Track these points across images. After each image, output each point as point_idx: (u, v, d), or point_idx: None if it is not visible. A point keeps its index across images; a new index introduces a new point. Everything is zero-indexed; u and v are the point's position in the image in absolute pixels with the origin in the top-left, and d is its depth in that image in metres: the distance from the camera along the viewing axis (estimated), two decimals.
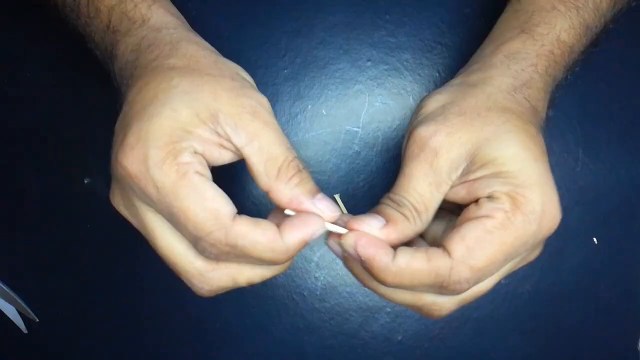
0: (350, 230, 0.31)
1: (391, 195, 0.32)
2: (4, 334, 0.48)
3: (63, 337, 0.48)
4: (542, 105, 0.36)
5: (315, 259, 0.48)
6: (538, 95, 0.35)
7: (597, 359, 0.49)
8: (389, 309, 0.49)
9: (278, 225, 0.30)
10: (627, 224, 0.49)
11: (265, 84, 0.48)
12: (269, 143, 0.31)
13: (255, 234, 0.29)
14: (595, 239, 0.48)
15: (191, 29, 0.37)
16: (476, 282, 0.30)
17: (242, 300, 0.48)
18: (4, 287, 0.48)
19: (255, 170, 0.31)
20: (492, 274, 0.31)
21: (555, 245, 0.49)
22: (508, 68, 0.35)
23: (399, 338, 0.49)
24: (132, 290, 0.48)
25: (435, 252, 0.30)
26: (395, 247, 0.31)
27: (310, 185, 0.32)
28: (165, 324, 0.48)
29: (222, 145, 0.31)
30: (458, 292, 0.30)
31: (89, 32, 0.38)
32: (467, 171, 0.32)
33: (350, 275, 0.49)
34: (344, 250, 0.31)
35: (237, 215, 0.30)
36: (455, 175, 0.32)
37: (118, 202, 0.33)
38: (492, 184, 0.31)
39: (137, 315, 0.48)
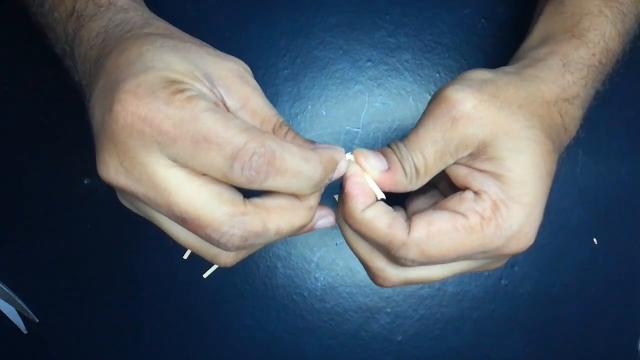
0: (355, 159, 0.32)
1: (402, 145, 0.32)
2: (4, 334, 0.48)
3: (63, 337, 0.48)
4: (574, 125, 0.35)
5: (315, 259, 0.48)
6: (574, 114, 0.35)
7: (597, 359, 0.49)
8: (389, 310, 0.49)
9: None
10: (627, 224, 0.49)
11: (265, 84, 0.48)
12: (261, 106, 0.30)
13: (288, 144, 0.28)
14: (595, 239, 0.48)
15: None
16: (421, 264, 0.31)
17: (242, 300, 0.48)
18: (4, 287, 0.48)
19: None
20: (440, 264, 0.32)
21: (555, 245, 0.49)
22: (562, 77, 0.34)
23: (399, 338, 0.49)
24: (131, 291, 0.48)
25: (398, 223, 0.31)
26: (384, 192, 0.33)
27: (303, 138, 0.31)
28: (165, 324, 0.48)
29: (217, 106, 0.29)
30: (401, 264, 0.32)
31: (50, 21, 0.37)
32: (475, 157, 0.31)
33: (350, 276, 0.49)
34: (342, 171, 0.32)
35: None
36: (462, 154, 0.32)
37: (115, 171, 0.28)
38: (488, 184, 0.31)
39: (137, 315, 0.48)
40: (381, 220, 0.31)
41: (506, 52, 0.48)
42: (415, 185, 0.32)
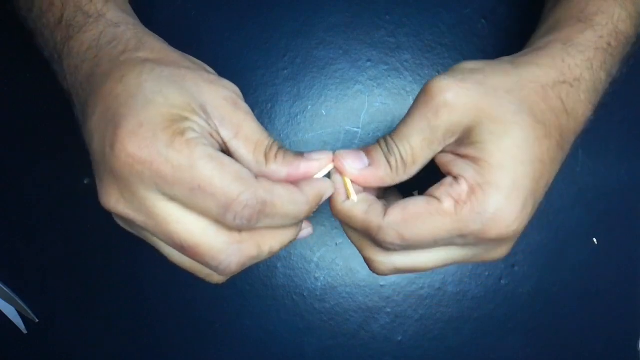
0: (335, 164, 0.34)
1: (389, 138, 0.33)
2: (4, 334, 0.48)
3: (63, 337, 0.48)
4: (582, 108, 0.34)
5: (315, 259, 0.48)
6: (579, 97, 0.34)
7: (597, 359, 0.49)
8: (389, 310, 0.49)
9: None
10: (627, 224, 0.49)
11: (265, 84, 0.48)
12: (253, 132, 0.31)
13: (278, 188, 0.30)
14: (595, 239, 0.48)
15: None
16: (404, 248, 0.32)
17: (242, 300, 0.48)
18: (4, 287, 0.48)
19: (245, 161, 0.31)
20: (421, 248, 0.33)
21: (555, 245, 0.49)
22: (562, 61, 0.33)
23: (399, 338, 0.49)
24: (131, 291, 0.48)
25: (374, 210, 0.32)
26: (373, 189, 0.34)
27: (293, 152, 0.32)
28: (164, 324, 0.48)
29: (212, 136, 0.31)
30: (385, 248, 0.33)
31: (39, 26, 0.37)
32: (459, 143, 0.32)
33: (350, 276, 0.49)
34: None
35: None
36: (449, 141, 0.32)
37: (116, 201, 0.30)
38: (466, 169, 0.31)
39: (137, 315, 0.48)
40: (358, 208, 0.33)
41: (506, 52, 0.48)
42: (404, 176, 0.33)
